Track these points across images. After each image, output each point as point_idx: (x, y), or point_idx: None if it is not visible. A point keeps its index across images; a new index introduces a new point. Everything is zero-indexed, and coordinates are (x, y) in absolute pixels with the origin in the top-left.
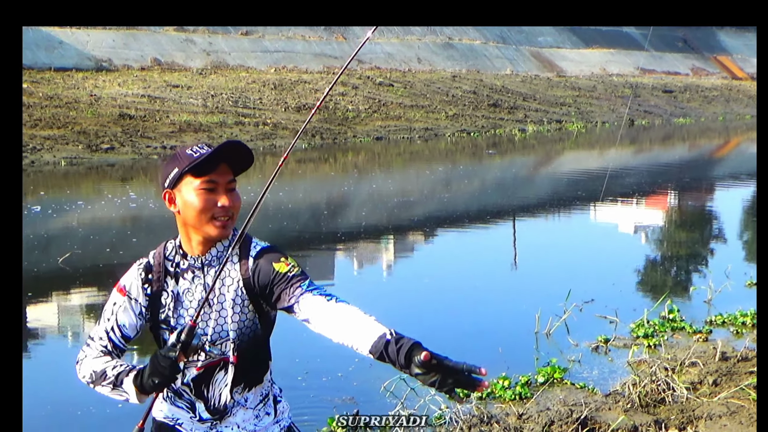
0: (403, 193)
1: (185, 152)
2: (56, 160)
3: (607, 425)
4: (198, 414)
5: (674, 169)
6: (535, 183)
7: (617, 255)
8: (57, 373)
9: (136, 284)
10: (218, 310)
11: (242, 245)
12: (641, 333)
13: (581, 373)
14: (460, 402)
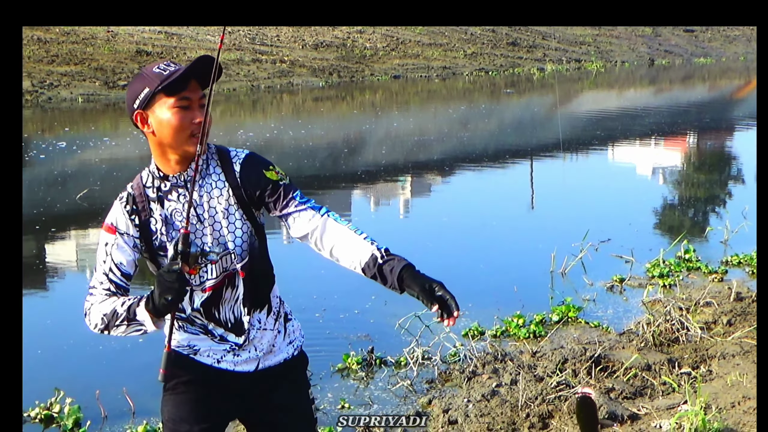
0: (421, 133)
1: (152, 71)
2: (73, 97)
3: (621, 363)
4: (216, 334)
5: (694, 110)
6: (553, 123)
7: (634, 196)
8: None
9: (123, 218)
10: (211, 224)
11: (221, 155)
12: (656, 273)
13: (596, 312)
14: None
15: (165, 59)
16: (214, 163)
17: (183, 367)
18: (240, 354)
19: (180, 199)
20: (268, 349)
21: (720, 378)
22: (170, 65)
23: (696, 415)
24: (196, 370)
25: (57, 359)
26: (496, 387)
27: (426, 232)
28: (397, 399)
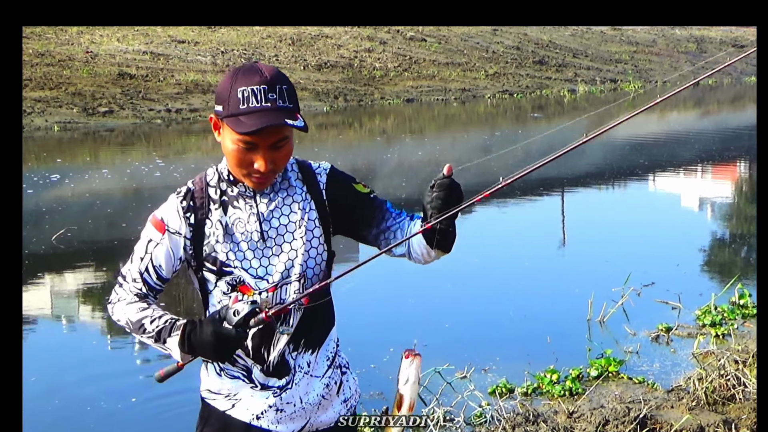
0: (438, 162)
1: (236, 91)
2: (48, 125)
3: (670, 425)
4: (257, 382)
5: (745, 134)
6: (587, 150)
7: (680, 232)
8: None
9: (176, 215)
10: (279, 243)
11: (303, 169)
12: (708, 321)
13: (640, 366)
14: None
15: (256, 79)
16: (294, 176)
17: (218, 428)
18: (283, 408)
19: (246, 209)
20: (317, 402)
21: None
22: (258, 94)
23: None
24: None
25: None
26: None
27: (446, 274)
28: None
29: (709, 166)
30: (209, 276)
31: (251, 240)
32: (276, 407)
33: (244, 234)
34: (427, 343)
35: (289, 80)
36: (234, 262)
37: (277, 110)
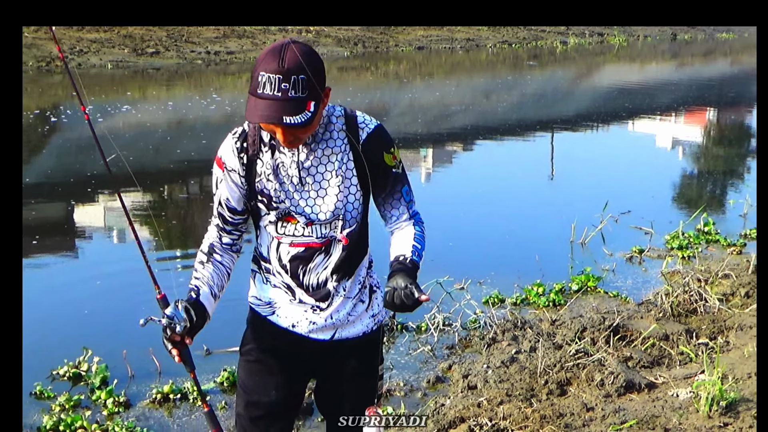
0: (444, 103)
1: (258, 73)
2: (102, 63)
3: (639, 333)
4: (297, 297)
5: (715, 85)
6: (575, 96)
7: (654, 168)
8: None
9: (232, 154)
10: (317, 189)
11: (348, 120)
12: (676, 245)
13: (615, 282)
14: None
15: (274, 67)
16: (339, 125)
17: (258, 331)
18: (316, 321)
19: (289, 156)
20: (346, 318)
21: (737, 349)
22: (270, 82)
23: (713, 384)
24: (271, 336)
25: (86, 319)
26: (516, 354)
27: (447, 202)
28: (418, 364)
29: (682, 111)
30: (261, 206)
31: (292, 183)
32: (310, 320)
33: (286, 177)
34: (433, 258)
35: (315, 64)
36: (281, 197)
37: (286, 101)
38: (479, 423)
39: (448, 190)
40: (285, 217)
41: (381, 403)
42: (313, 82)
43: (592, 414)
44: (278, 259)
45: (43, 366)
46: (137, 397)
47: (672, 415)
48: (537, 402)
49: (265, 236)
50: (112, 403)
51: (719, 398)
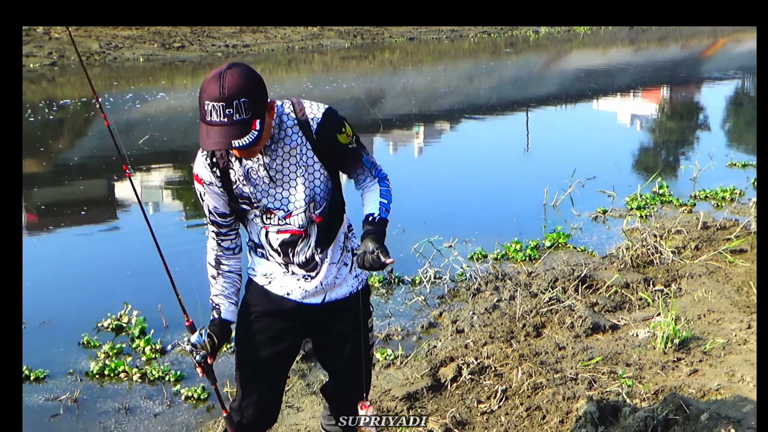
0: (432, 87)
1: (204, 102)
2: (135, 57)
3: (603, 282)
4: (290, 270)
5: (668, 67)
6: (546, 78)
7: (616, 141)
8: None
9: (206, 170)
10: (287, 181)
11: (297, 114)
12: (635, 205)
13: (582, 239)
14: None
15: (215, 94)
16: (290, 122)
17: (256, 297)
18: (307, 288)
19: (255, 162)
20: (333, 281)
21: (688, 294)
22: (216, 110)
23: (667, 325)
24: (268, 302)
25: (127, 279)
26: (497, 302)
27: (437, 173)
28: (413, 312)
29: (639, 90)
30: (244, 206)
31: (264, 183)
32: (302, 288)
33: (258, 179)
34: (425, 221)
35: (254, 85)
36: (258, 197)
37: (232, 125)
38: (466, 362)
39: (437, 162)
40: (267, 211)
41: (375, 350)
42: (255, 103)
43: (564, 352)
44: (269, 244)
45: (90, 320)
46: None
47: (632, 352)
48: (516, 343)
49: (254, 226)
50: (149, 350)
51: (673, 337)
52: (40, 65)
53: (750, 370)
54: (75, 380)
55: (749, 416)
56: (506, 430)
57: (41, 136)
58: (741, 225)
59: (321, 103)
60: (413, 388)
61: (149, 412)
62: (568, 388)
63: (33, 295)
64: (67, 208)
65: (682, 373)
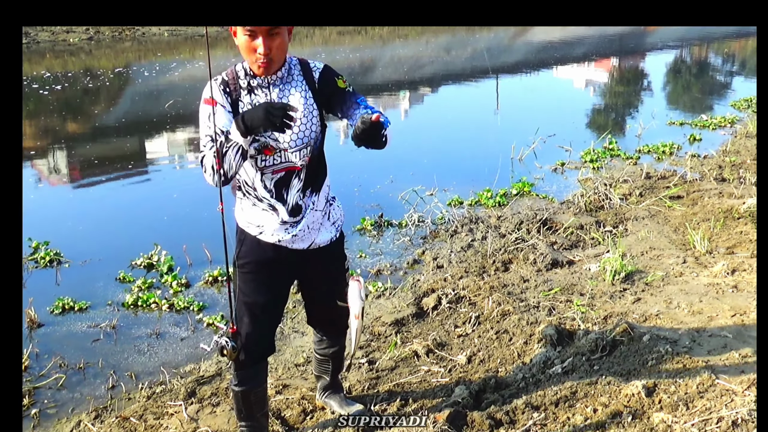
0: (416, 58)
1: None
2: (160, 32)
3: (561, 224)
4: (279, 216)
5: (617, 39)
6: (513, 49)
7: (573, 103)
8: (170, 188)
9: (219, 94)
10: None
11: (303, 65)
12: (588, 158)
13: (544, 187)
14: None
15: None
16: (297, 71)
17: (249, 247)
18: (297, 234)
19: (263, 96)
20: (318, 227)
21: (633, 234)
22: None
23: (615, 260)
24: (261, 252)
25: (156, 224)
26: (471, 241)
27: (420, 132)
28: (400, 250)
29: (593, 60)
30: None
31: None
32: (292, 233)
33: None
34: (413, 172)
35: None
36: (260, 130)
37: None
38: (445, 292)
39: (421, 123)
40: (263, 149)
41: (366, 283)
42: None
43: (528, 284)
44: (263, 185)
45: (125, 258)
46: (195, 280)
47: (586, 283)
48: (487, 276)
49: (249, 169)
50: (176, 284)
51: (620, 270)
52: (79, 39)
53: (684, 298)
54: (113, 310)
55: (684, 336)
56: (479, 350)
57: (81, 102)
58: (678, 175)
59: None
60: (400, 315)
61: (176, 337)
62: (531, 314)
63: (75, 238)
64: (104, 162)
65: (627, 301)
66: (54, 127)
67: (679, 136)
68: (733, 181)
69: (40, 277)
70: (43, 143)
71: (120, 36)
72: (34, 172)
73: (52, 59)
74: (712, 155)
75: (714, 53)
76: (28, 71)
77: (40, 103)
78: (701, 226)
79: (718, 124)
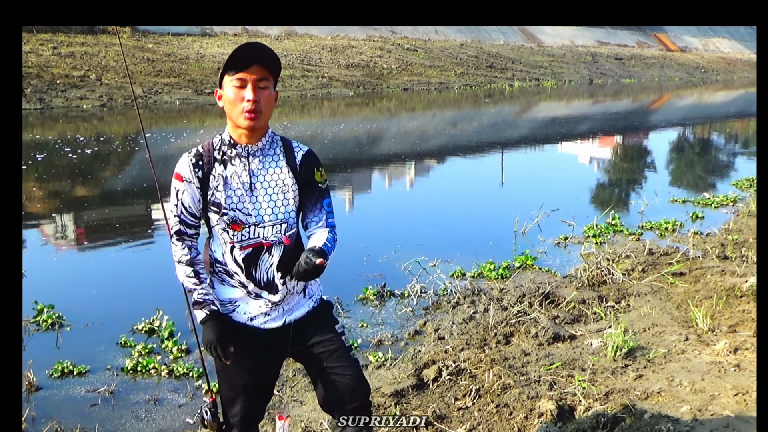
0: (422, 130)
1: (231, 55)
2: (172, 101)
3: (564, 298)
4: (252, 291)
5: (621, 117)
6: (518, 124)
7: (576, 178)
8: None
9: (188, 170)
10: (263, 195)
11: (285, 143)
12: (591, 233)
13: (546, 261)
14: None
15: (246, 45)
16: (278, 147)
17: (223, 331)
18: (270, 313)
19: (240, 166)
20: (293, 307)
21: (635, 310)
22: (244, 48)
23: (617, 336)
24: (234, 332)
25: (159, 288)
26: (473, 313)
27: (426, 202)
28: (401, 321)
29: (597, 136)
30: (212, 215)
31: (243, 189)
32: (265, 312)
33: (239, 183)
34: (419, 242)
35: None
36: (230, 205)
37: (262, 52)
38: (446, 364)
39: (426, 194)
40: (232, 224)
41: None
42: (279, 64)
43: (529, 358)
44: (233, 260)
45: (126, 323)
46: (195, 346)
47: (588, 359)
48: (488, 349)
49: (219, 242)
50: (176, 350)
51: (622, 346)
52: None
53: (686, 376)
54: (112, 375)
55: (686, 415)
56: (479, 423)
57: (91, 166)
58: (681, 252)
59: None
60: (400, 386)
61: (175, 404)
62: (532, 388)
63: (78, 301)
64: (110, 226)
65: (629, 378)
66: (63, 190)
67: (681, 213)
68: (735, 260)
69: (41, 340)
70: (50, 206)
71: (132, 103)
72: (39, 233)
73: (65, 124)
74: (714, 233)
75: (717, 133)
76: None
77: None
78: (704, 304)
79: (720, 203)
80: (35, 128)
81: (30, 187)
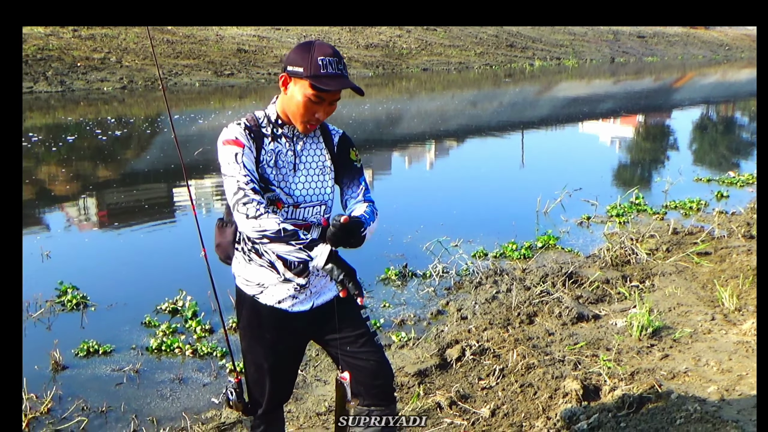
0: (442, 110)
1: (316, 59)
2: (192, 82)
3: (587, 278)
4: (281, 274)
5: (643, 96)
6: (539, 104)
7: (599, 158)
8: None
9: (244, 135)
10: (305, 176)
11: (323, 128)
12: (615, 213)
13: (569, 241)
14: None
15: (330, 52)
16: (317, 130)
17: (249, 311)
18: (298, 296)
19: (286, 146)
20: (320, 290)
21: (660, 290)
22: (332, 63)
23: (642, 316)
24: (262, 314)
25: (182, 269)
26: (496, 293)
27: (446, 183)
28: (424, 301)
29: (619, 115)
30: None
31: (288, 168)
32: (293, 295)
33: (283, 163)
34: (443, 223)
35: None
36: (275, 182)
37: (344, 77)
38: (469, 344)
39: (447, 174)
40: (275, 202)
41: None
42: None
43: (553, 338)
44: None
45: (151, 303)
46: (218, 326)
47: (612, 338)
48: (512, 329)
49: None
50: (200, 330)
51: (647, 326)
52: (112, 89)
53: (713, 356)
54: (137, 354)
55: (713, 395)
56: (503, 403)
57: (113, 149)
58: (706, 231)
59: None
60: (423, 366)
61: (199, 383)
62: (556, 368)
63: (102, 282)
64: (133, 208)
65: (654, 358)
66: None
67: (706, 192)
68: None
69: (66, 320)
70: (73, 188)
71: (153, 86)
72: (63, 214)
73: (86, 107)
74: (739, 212)
75: (741, 111)
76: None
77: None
78: (729, 283)
79: (745, 182)
80: (57, 110)
81: (57, 170)
